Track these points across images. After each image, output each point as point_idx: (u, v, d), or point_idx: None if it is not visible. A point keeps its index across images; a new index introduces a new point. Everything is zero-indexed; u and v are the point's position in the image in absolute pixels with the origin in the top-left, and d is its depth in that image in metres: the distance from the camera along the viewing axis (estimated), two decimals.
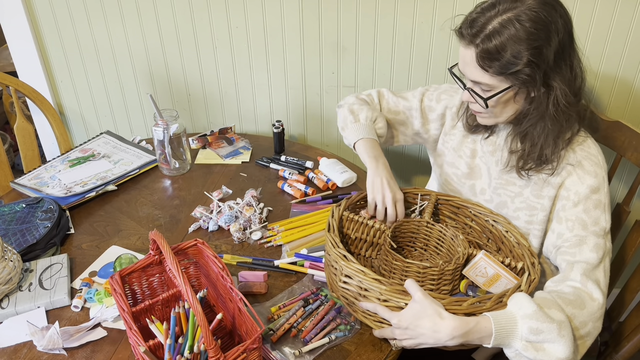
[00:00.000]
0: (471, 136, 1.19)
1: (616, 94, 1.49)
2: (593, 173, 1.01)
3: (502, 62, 0.93)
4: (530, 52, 0.91)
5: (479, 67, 0.95)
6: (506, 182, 1.12)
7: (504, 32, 0.91)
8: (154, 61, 1.69)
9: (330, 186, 1.41)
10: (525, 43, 0.91)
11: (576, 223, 1.01)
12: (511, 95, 0.98)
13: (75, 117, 1.84)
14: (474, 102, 1.03)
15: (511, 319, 0.88)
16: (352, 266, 0.94)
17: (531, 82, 0.95)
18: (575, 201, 1.01)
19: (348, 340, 0.98)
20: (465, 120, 1.18)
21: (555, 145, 1.01)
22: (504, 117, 1.04)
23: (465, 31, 0.95)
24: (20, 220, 1.25)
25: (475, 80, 0.98)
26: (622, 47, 1.42)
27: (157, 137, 1.41)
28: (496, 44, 0.92)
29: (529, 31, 0.91)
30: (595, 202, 1.00)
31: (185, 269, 1.05)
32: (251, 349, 0.83)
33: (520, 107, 1.01)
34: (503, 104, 1.01)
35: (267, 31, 1.58)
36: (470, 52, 0.96)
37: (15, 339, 0.99)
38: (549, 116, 0.99)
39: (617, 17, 1.37)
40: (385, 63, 1.57)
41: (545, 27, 0.92)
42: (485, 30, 0.93)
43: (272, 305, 1.04)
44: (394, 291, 0.92)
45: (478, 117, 1.08)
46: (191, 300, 0.77)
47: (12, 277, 1.05)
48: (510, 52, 0.91)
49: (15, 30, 1.65)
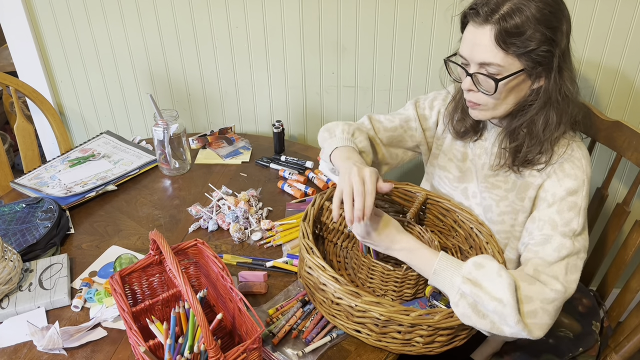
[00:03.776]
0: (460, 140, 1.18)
1: (616, 94, 1.49)
2: (573, 176, 1.00)
3: (522, 40, 0.92)
4: (549, 31, 0.92)
5: (495, 45, 0.93)
6: (492, 185, 1.10)
7: (523, 10, 0.91)
8: (154, 61, 1.69)
9: (330, 186, 1.41)
10: (543, 22, 0.92)
11: (547, 223, 1.00)
12: (520, 79, 0.97)
13: (75, 117, 1.84)
14: (476, 91, 1.00)
15: (459, 261, 0.96)
16: (315, 260, 0.96)
17: (546, 64, 0.95)
18: (550, 202, 1.00)
19: (348, 340, 0.98)
20: (451, 127, 1.16)
21: (554, 136, 1.00)
22: (503, 107, 1.01)
23: (481, 9, 0.93)
24: (20, 220, 1.25)
25: (485, 61, 0.95)
26: (622, 47, 1.42)
27: (157, 137, 1.41)
28: (516, 22, 0.91)
29: (544, 12, 0.92)
30: (570, 204, 0.99)
31: (185, 269, 1.05)
32: (251, 349, 0.83)
33: (522, 97, 1.00)
34: (508, 91, 0.98)
35: (267, 31, 1.58)
36: (485, 30, 0.93)
37: (15, 339, 0.99)
38: (555, 104, 0.98)
39: (617, 17, 1.37)
40: (385, 63, 1.57)
41: (557, 11, 0.94)
42: (501, 8, 0.92)
43: (270, 307, 1.04)
44: (346, 291, 0.92)
45: (473, 111, 1.04)
46: (191, 300, 0.77)
47: (12, 277, 1.05)
48: (529, 31, 0.91)
49: (15, 30, 1.65)
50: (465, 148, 1.17)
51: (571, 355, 1.18)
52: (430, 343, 0.94)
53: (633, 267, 1.24)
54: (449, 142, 1.20)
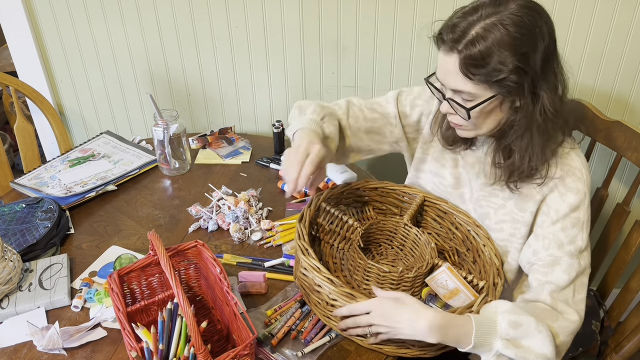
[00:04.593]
0: None
1: (616, 94, 1.49)
2: (575, 190, 0.98)
3: (488, 69, 0.87)
4: (517, 58, 0.86)
5: (462, 75, 0.89)
6: (489, 194, 1.09)
7: (488, 36, 0.86)
8: (154, 61, 1.69)
9: (330, 186, 1.41)
10: (511, 49, 0.86)
11: (552, 242, 0.98)
12: (495, 104, 0.93)
13: (75, 117, 1.84)
14: (454, 114, 0.97)
15: (490, 316, 0.90)
16: (310, 261, 0.96)
17: (518, 91, 0.90)
18: (554, 219, 0.99)
19: (348, 341, 0.98)
20: (440, 136, 1.12)
21: (544, 154, 0.96)
22: (485, 128, 0.98)
23: (446, 36, 0.89)
24: (20, 220, 1.25)
25: (456, 89, 0.92)
26: (622, 47, 1.42)
27: (157, 137, 1.41)
28: (480, 50, 0.86)
29: (514, 36, 0.86)
30: (574, 221, 0.98)
31: (185, 270, 1.05)
32: (242, 355, 0.83)
33: (504, 118, 0.96)
34: (486, 115, 0.95)
35: (267, 31, 1.58)
36: (452, 59, 0.89)
37: (15, 339, 0.99)
38: (536, 126, 0.94)
39: (617, 17, 1.37)
40: (385, 63, 1.57)
41: (530, 32, 0.87)
42: (467, 35, 0.87)
43: (268, 308, 1.04)
44: (341, 293, 0.92)
45: (458, 130, 1.02)
46: (182, 303, 0.77)
47: (12, 277, 1.05)
48: (496, 59, 0.86)
49: (15, 30, 1.65)
50: (456, 154, 1.14)
51: (571, 355, 1.18)
52: (425, 346, 0.93)
53: (633, 267, 1.24)
54: (439, 148, 1.16)
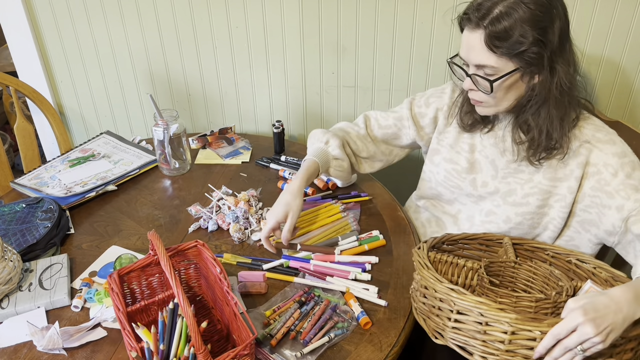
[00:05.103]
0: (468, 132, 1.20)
1: (616, 94, 1.49)
2: (610, 141, 1.04)
3: (510, 42, 0.96)
4: (537, 32, 0.95)
5: (487, 49, 0.98)
6: (515, 170, 1.14)
7: (511, 13, 0.95)
8: (154, 61, 1.69)
9: (330, 186, 1.41)
10: (531, 24, 0.95)
11: (628, 190, 1.01)
12: (516, 78, 1.01)
13: (75, 117, 1.84)
14: (476, 90, 1.05)
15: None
16: (468, 299, 0.83)
17: (537, 64, 0.98)
18: (612, 172, 1.03)
19: (348, 340, 0.98)
20: (459, 120, 1.19)
21: (562, 128, 1.04)
22: (504, 104, 1.06)
23: (472, 15, 0.98)
24: (20, 220, 1.25)
25: (480, 63, 1.00)
26: (622, 47, 1.42)
27: (157, 137, 1.41)
28: (505, 26, 0.95)
29: (535, 13, 0.95)
30: (631, 165, 1.03)
31: (185, 270, 1.05)
32: (242, 355, 0.82)
33: (522, 93, 1.04)
34: (506, 89, 1.02)
35: (267, 31, 1.58)
36: (477, 34, 0.98)
37: (15, 339, 0.99)
38: (553, 100, 1.01)
39: (617, 17, 1.37)
40: (385, 63, 1.57)
41: (548, 10, 0.96)
42: (492, 12, 0.96)
43: (267, 309, 1.04)
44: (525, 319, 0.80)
45: (478, 108, 1.10)
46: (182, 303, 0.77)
47: (12, 277, 1.05)
48: (518, 32, 0.95)
49: (15, 30, 1.65)
50: (473, 139, 1.20)
51: None
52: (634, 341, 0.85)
53: None
54: (454, 135, 1.22)
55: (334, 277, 1.11)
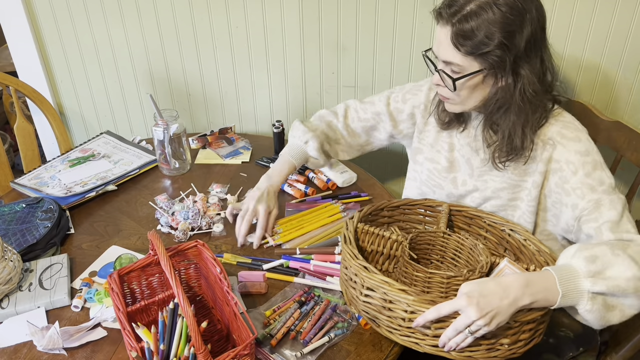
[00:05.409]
0: (446, 131, 1.21)
1: (616, 94, 1.49)
2: (576, 138, 1.03)
3: (475, 42, 0.96)
4: (502, 35, 0.95)
5: (452, 46, 0.98)
6: (490, 168, 1.14)
7: (481, 13, 0.95)
8: (154, 61, 1.69)
9: (330, 186, 1.41)
10: (499, 26, 0.94)
11: (584, 189, 1.01)
12: (479, 79, 1.00)
13: (75, 117, 1.84)
14: (443, 86, 1.05)
15: (564, 263, 0.92)
16: (375, 278, 0.90)
17: (500, 66, 0.98)
18: (573, 170, 1.02)
19: (348, 340, 0.98)
20: (437, 116, 1.20)
21: (524, 134, 1.03)
22: (470, 103, 1.06)
23: (444, 11, 0.98)
24: (20, 220, 1.25)
25: (447, 60, 1.00)
26: (622, 48, 1.42)
27: (157, 137, 1.41)
28: (472, 25, 0.95)
29: (505, 15, 0.94)
30: (592, 164, 1.02)
31: (185, 270, 1.05)
32: (242, 355, 0.83)
33: (487, 94, 1.04)
34: (471, 88, 1.02)
35: (267, 31, 1.58)
36: (445, 30, 0.98)
37: (15, 339, 0.99)
38: (514, 105, 1.01)
39: (617, 17, 1.37)
40: (385, 63, 1.57)
41: (520, 15, 0.95)
42: (463, 10, 0.96)
43: (267, 309, 1.04)
44: (422, 301, 0.86)
45: (446, 104, 1.10)
46: (182, 303, 0.77)
47: (12, 277, 1.05)
48: (483, 33, 0.95)
49: (15, 30, 1.65)
50: (452, 138, 1.20)
51: (571, 355, 1.18)
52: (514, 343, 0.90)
53: None
54: (434, 135, 1.23)
55: (334, 277, 1.11)
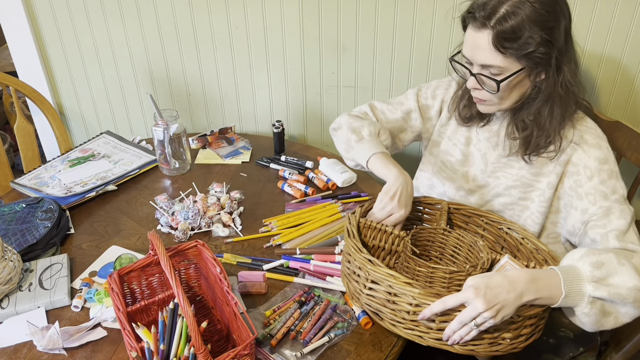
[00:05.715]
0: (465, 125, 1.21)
1: (616, 94, 1.49)
2: (597, 145, 1.05)
3: (519, 43, 0.95)
4: (545, 32, 0.95)
5: (494, 49, 0.96)
6: (505, 165, 1.15)
7: (518, 13, 0.94)
8: (154, 61, 1.69)
9: (330, 186, 1.41)
10: (539, 24, 0.94)
11: (597, 195, 1.02)
12: (523, 77, 1.00)
13: (75, 117, 1.84)
14: (480, 89, 1.04)
15: (570, 264, 0.92)
16: (380, 271, 0.89)
17: (545, 63, 0.98)
18: (589, 175, 1.04)
19: (348, 340, 0.98)
20: (457, 114, 1.20)
21: (561, 126, 1.04)
22: (509, 102, 1.05)
23: (478, 14, 0.97)
24: (20, 220, 1.25)
25: (486, 63, 0.99)
26: (622, 47, 1.42)
27: (157, 137, 1.41)
28: (512, 25, 0.94)
29: (540, 12, 0.94)
30: (608, 173, 1.03)
31: (185, 270, 1.05)
32: (242, 355, 0.82)
33: (527, 91, 1.04)
34: (512, 88, 1.02)
35: (267, 31, 1.58)
36: (483, 34, 0.97)
37: (15, 339, 0.99)
38: (557, 97, 1.02)
39: (617, 17, 1.37)
40: (385, 63, 1.57)
41: (554, 9, 0.96)
42: (498, 12, 0.95)
43: (266, 309, 1.04)
44: (427, 294, 0.86)
45: (480, 106, 1.09)
46: (182, 303, 0.77)
47: (12, 277, 1.05)
48: (526, 33, 0.94)
49: (15, 30, 1.65)
50: (470, 132, 1.21)
51: (571, 355, 1.18)
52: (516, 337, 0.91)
53: None
54: (453, 128, 1.23)
55: (334, 277, 1.11)
